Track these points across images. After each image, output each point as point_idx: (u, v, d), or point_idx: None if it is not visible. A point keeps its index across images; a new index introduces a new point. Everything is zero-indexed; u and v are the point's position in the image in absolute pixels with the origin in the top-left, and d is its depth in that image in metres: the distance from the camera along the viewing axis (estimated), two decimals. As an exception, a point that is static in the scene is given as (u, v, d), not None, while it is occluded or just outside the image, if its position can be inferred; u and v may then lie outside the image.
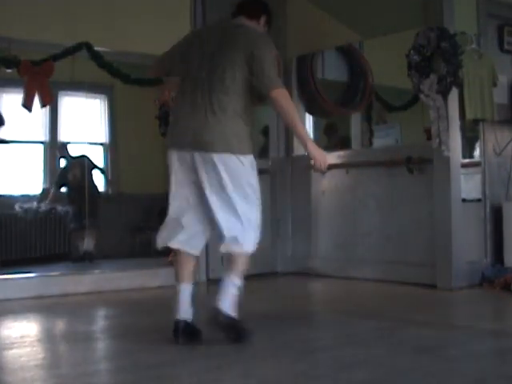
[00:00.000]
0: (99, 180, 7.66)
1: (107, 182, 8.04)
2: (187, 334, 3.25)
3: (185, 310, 3.28)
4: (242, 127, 3.32)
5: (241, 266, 3.32)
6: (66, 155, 7.49)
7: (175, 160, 3.34)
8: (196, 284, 3.45)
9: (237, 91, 3.30)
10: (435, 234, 4.97)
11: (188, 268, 3.42)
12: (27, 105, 5.35)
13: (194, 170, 3.28)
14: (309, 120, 6.85)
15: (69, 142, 7.65)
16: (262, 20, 3.61)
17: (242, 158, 3.26)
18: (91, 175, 7.39)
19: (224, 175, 3.23)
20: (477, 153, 5.52)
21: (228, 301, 3.28)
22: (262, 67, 3.28)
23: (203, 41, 3.45)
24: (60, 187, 7.49)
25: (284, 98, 3.25)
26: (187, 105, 3.36)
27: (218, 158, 3.22)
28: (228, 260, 3.39)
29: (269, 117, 6.25)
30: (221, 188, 3.25)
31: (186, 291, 3.33)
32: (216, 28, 3.57)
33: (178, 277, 3.38)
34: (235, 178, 3.26)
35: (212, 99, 3.29)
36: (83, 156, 7.44)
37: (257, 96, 3.39)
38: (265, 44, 3.41)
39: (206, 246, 5.62)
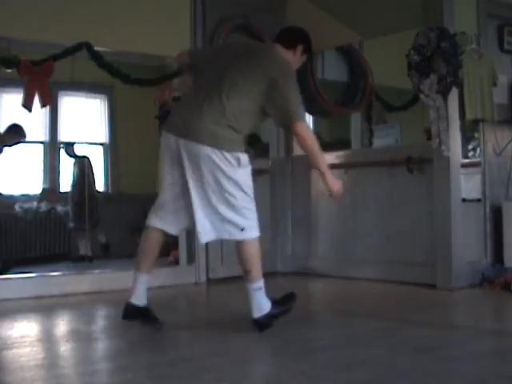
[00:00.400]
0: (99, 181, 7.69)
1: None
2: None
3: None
4: (234, 134, 3.42)
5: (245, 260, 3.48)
6: (72, 154, 7.52)
7: (163, 142, 3.62)
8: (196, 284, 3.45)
9: (240, 105, 3.41)
10: (435, 233, 4.97)
11: (152, 253, 3.76)
12: (27, 105, 5.35)
13: (179, 157, 3.47)
14: (309, 119, 6.86)
15: (75, 142, 7.67)
16: (299, 50, 3.71)
17: (226, 154, 3.37)
18: (92, 176, 7.41)
19: (205, 170, 3.38)
20: (473, 152, 5.52)
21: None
22: (287, 99, 3.43)
23: (229, 52, 3.65)
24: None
25: (306, 132, 3.48)
26: (189, 102, 3.51)
27: (202, 151, 3.36)
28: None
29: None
30: (201, 183, 3.41)
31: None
32: (246, 44, 3.76)
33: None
34: (216, 174, 3.38)
35: (213, 102, 3.38)
36: (84, 157, 7.46)
37: (261, 117, 3.55)
38: (290, 75, 3.52)
39: (206, 246, 5.68)
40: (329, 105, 6.60)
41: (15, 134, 6.61)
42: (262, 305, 3.49)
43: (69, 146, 7.58)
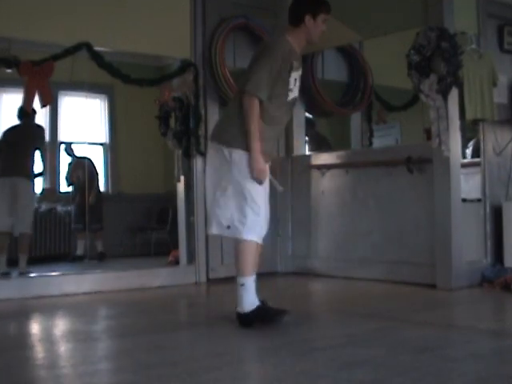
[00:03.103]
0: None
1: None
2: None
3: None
4: (239, 126, 3.50)
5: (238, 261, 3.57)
6: (71, 154, 7.53)
7: None
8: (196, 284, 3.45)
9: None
10: (435, 234, 4.97)
11: None
12: (27, 105, 5.36)
13: None
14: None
15: (72, 142, 7.68)
16: (309, 19, 3.58)
17: (227, 150, 3.52)
18: (95, 177, 7.43)
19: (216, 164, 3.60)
20: (469, 151, 5.54)
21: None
22: (254, 70, 3.48)
23: None
24: (69, 185, 7.56)
25: (249, 107, 3.45)
26: None
27: (213, 148, 3.61)
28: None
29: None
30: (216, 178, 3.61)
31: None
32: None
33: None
34: (221, 169, 3.56)
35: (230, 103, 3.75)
36: (85, 158, 7.48)
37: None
38: (268, 48, 3.57)
39: (206, 246, 5.68)
40: (329, 105, 6.61)
41: None
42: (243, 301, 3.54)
43: (69, 146, 7.60)
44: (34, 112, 5.95)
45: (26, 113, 5.78)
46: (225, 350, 3.10)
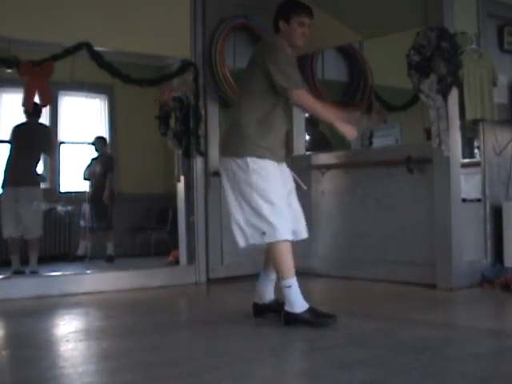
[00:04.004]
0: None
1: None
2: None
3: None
4: (241, 132, 3.58)
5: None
6: (98, 149, 7.55)
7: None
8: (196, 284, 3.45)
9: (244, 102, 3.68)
10: (435, 234, 4.97)
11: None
12: (27, 105, 5.35)
13: None
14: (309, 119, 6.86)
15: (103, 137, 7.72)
16: (283, 24, 3.72)
17: (234, 160, 3.59)
18: (112, 175, 7.45)
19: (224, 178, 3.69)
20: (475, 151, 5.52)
21: None
22: (279, 70, 3.55)
23: None
24: (85, 179, 7.58)
25: (305, 98, 3.62)
26: None
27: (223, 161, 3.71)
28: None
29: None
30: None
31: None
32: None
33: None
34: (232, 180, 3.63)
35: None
36: (102, 155, 7.51)
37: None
38: (270, 47, 3.66)
39: (206, 246, 5.68)
40: (329, 105, 6.60)
41: None
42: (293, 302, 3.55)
43: (100, 140, 7.60)
44: (40, 111, 5.96)
45: (33, 111, 5.77)
46: (225, 350, 3.10)
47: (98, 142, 7.61)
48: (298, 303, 3.52)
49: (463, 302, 4.59)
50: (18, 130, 6.15)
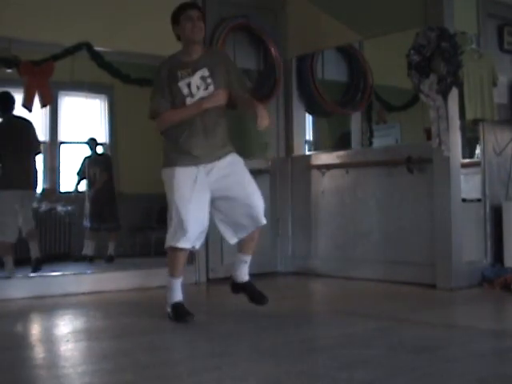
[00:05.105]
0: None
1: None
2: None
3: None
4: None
5: None
6: (93, 149, 7.54)
7: None
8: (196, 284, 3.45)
9: None
10: (435, 233, 4.97)
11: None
12: (27, 105, 5.36)
13: None
14: (308, 120, 6.86)
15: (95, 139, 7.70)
16: (176, 29, 3.95)
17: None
18: (112, 175, 7.44)
19: None
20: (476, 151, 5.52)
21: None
22: None
23: None
24: (81, 180, 7.58)
25: (162, 124, 4.15)
26: None
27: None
28: None
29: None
30: None
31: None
32: None
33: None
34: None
35: None
36: (104, 154, 7.50)
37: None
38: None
39: (206, 246, 5.68)
40: (329, 105, 6.61)
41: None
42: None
43: (92, 140, 7.60)
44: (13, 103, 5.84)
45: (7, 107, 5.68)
46: (225, 350, 3.10)
47: (92, 142, 7.60)
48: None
49: (463, 302, 4.59)
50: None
